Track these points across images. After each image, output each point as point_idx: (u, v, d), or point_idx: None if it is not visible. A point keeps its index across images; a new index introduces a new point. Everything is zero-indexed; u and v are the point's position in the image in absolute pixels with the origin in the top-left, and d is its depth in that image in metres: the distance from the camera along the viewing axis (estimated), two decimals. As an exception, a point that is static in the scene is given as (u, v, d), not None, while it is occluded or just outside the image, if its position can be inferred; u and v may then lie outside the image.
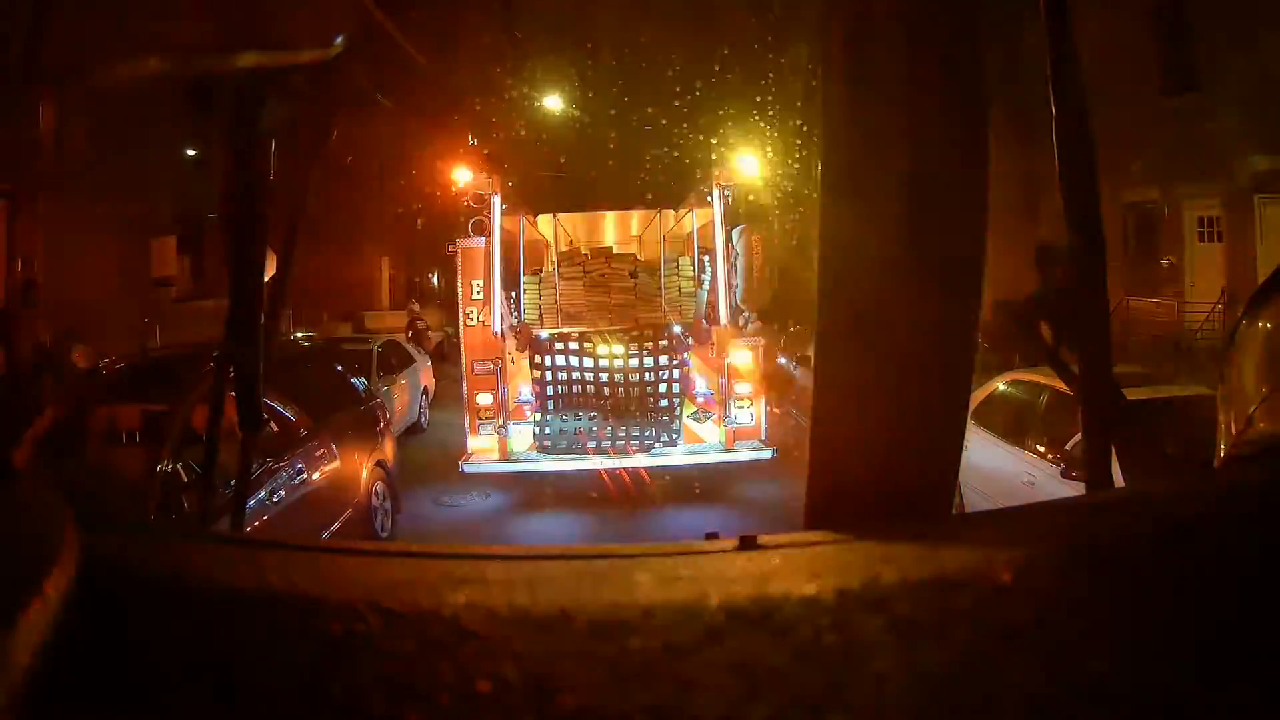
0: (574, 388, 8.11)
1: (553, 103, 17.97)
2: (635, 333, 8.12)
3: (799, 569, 0.56)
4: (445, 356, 16.33)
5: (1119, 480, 0.99)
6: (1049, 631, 0.52)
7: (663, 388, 8.09)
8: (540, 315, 8.83)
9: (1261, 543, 0.56)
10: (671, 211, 9.70)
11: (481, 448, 8.26)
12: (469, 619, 0.50)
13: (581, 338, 8.13)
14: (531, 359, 8.14)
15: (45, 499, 0.55)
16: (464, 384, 8.39)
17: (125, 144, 12.39)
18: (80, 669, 0.47)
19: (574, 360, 8.07)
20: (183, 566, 0.60)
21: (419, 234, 23.92)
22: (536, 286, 8.92)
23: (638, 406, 8.06)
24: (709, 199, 8.28)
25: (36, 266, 11.71)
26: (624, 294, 8.82)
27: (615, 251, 9.49)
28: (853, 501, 0.78)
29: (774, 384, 8.79)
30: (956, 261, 0.79)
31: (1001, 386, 6.99)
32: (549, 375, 8.10)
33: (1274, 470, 0.76)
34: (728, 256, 8.17)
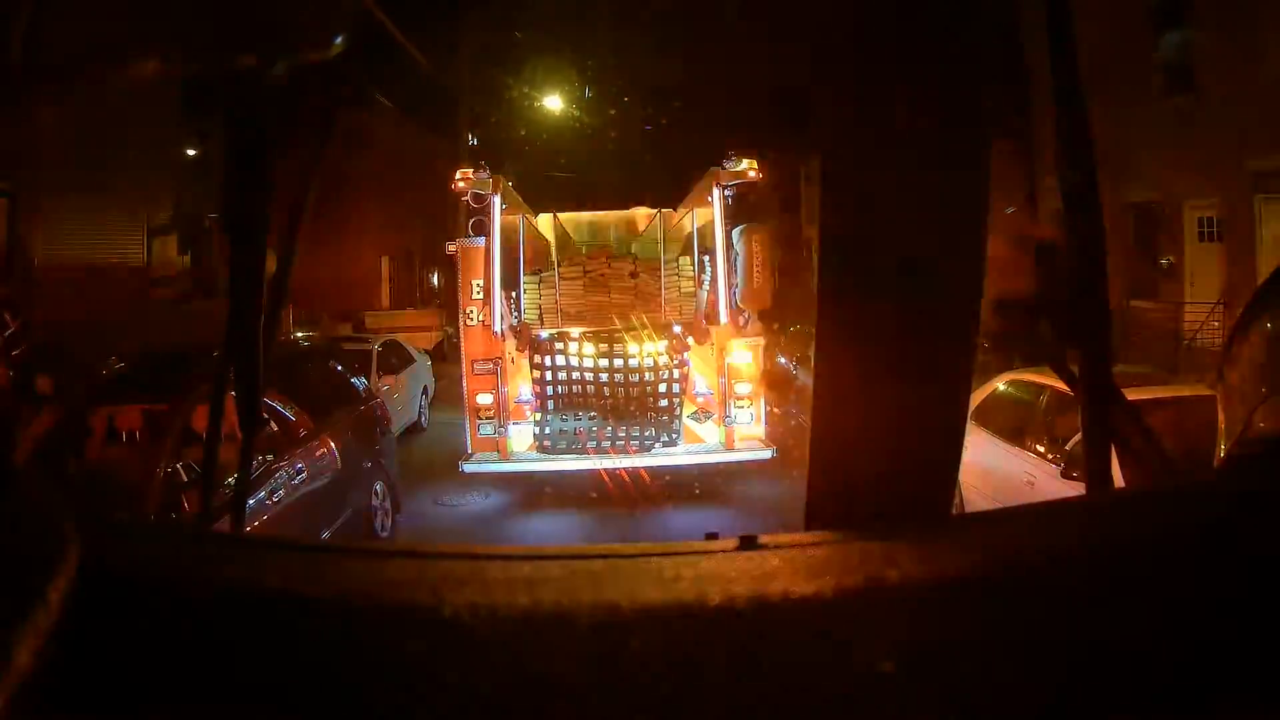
0: (574, 388, 8.11)
1: (553, 102, 17.98)
2: (635, 333, 8.12)
3: (799, 569, 0.56)
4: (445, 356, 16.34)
5: (1119, 480, 0.99)
6: (1049, 631, 0.52)
7: (663, 388, 8.09)
8: (540, 315, 8.82)
9: (1262, 543, 0.56)
10: (671, 211, 9.69)
11: (481, 448, 8.26)
12: (469, 619, 0.50)
13: (581, 338, 8.12)
14: (531, 359, 8.14)
15: (45, 499, 0.55)
16: (464, 384, 8.39)
17: (125, 143, 12.40)
18: (80, 669, 0.47)
19: (574, 360, 8.07)
20: (183, 566, 0.60)
21: (419, 233, 23.91)
22: (536, 286, 8.91)
23: (638, 406, 8.05)
24: (709, 199, 8.27)
25: (36, 266, 11.73)
26: (624, 294, 8.80)
27: (615, 251, 9.48)
28: (853, 501, 0.78)
29: (774, 384, 8.78)
30: (957, 261, 0.79)
31: (1001, 386, 6.99)
32: (549, 375, 8.09)
33: (1274, 470, 0.76)
34: (728, 256, 8.15)
